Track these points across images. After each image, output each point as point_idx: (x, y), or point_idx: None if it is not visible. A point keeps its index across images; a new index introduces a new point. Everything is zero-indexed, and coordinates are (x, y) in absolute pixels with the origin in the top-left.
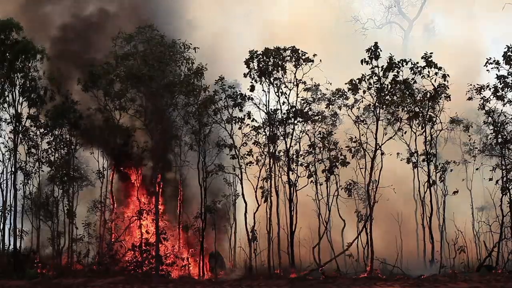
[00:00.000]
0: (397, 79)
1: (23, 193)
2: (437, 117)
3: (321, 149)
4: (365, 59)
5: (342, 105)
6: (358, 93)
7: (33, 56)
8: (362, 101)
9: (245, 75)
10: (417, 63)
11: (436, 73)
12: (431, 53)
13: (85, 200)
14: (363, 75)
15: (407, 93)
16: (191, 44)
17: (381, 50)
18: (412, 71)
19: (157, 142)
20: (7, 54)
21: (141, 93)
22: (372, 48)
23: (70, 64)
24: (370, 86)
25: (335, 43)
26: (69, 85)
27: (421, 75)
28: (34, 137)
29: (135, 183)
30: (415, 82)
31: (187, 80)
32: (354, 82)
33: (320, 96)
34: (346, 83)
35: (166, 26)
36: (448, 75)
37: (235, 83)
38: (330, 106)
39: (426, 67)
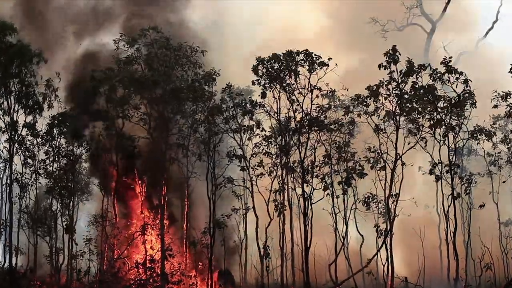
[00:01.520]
0: (416, 85)
1: (19, 207)
2: (464, 125)
3: (338, 159)
4: (382, 63)
5: (362, 113)
6: (379, 99)
7: (29, 60)
8: (383, 109)
9: (253, 83)
10: (436, 69)
11: (457, 79)
12: (451, 57)
13: (85, 214)
14: (381, 81)
15: (429, 99)
16: (198, 47)
17: (400, 54)
18: (432, 78)
19: (162, 152)
20: (1, 58)
21: (145, 100)
22: (390, 51)
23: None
24: (389, 93)
25: (352, 46)
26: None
27: (441, 81)
28: (31, 146)
29: (139, 196)
30: (435, 89)
31: (194, 85)
32: (372, 88)
33: (337, 102)
34: (366, 89)
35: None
36: (470, 80)
37: (247, 90)
38: (348, 113)
39: (446, 73)
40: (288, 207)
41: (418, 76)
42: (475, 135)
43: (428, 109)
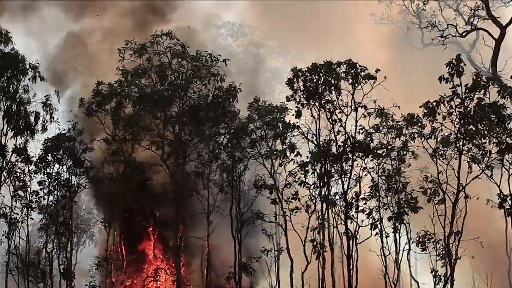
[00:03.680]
0: (482, 102)
1: (7, 247)
2: None
3: (387, 191)
4: (443, 75)
5: (416, 135)
6: (437, 119)
7: (23, 73)
8: (442, 130)
9: (288, 99)
10: (506, 84)
11: None
12: None
13: (87, 256)
14: (441, 96)
15: (498, 119)
16: (219, 55)
17: (465, 65)
18: (500, 94)
19: (178, 183)
20: None
21: (158, 119)
22: (454, 62)
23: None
24: (451, 111)
25: (405, 55)
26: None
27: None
28: (22, 175)
29: (150, 235)
30: (504, 107)
31: (215, 102)
32: (430, 106)
33: (386, 123)
34: (420, 106)
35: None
36: None
37: (280, 107)
38: (400, 136)
39: None
40: (328, 247)
41: (486, 91)
42: None
43: (497, 131)
